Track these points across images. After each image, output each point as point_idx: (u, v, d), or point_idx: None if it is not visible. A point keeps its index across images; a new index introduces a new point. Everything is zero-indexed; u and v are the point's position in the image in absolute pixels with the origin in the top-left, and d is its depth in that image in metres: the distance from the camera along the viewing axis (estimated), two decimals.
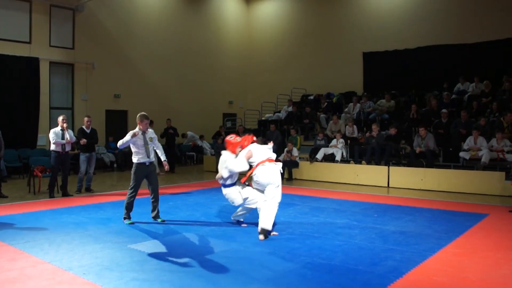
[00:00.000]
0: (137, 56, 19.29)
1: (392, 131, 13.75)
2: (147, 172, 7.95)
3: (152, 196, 8.08)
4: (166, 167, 8.27)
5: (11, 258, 5.77)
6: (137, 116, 7.92)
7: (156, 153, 8.47)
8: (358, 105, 17.00)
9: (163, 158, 8.24)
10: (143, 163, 7.87)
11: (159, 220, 8.01)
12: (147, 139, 7.87)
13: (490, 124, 13.10)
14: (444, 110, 14.14)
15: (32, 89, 15.90)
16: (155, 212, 8.09)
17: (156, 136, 8.21)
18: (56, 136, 10.53)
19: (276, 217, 7.32)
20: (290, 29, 22.61)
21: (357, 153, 14.04)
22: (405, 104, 16.42)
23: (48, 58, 16.47)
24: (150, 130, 8.06)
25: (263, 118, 20.12)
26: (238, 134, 7.02)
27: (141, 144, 7.81)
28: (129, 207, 7.93)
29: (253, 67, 23.91)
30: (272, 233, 6.92)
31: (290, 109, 19.02)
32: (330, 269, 5.38)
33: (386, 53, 19.02)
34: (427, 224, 7.88)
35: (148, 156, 7.89)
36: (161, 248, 6.31)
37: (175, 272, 5.24)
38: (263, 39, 23.77)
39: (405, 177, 12.64)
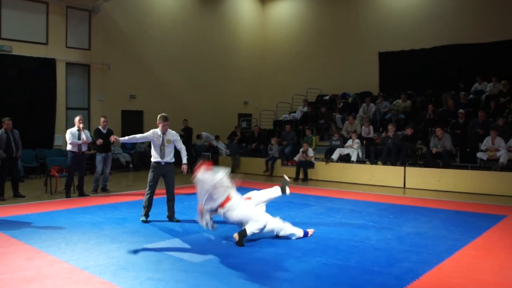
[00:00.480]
0: (153, 57, 19.40)
1: (409, 131, 13.67)
2: (162, 172, 8.09)
3: (167, 196, 8.17)
4: (184, 171, 8.34)
5: (29, 257, 5.84)
6: (158, 117, 8.09)
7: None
8: (372, 105, 16.91)
9: (184, 160, 8.34)
10: (159, 163, 8.04)
11: (174, 220, 8.07)
12: (165, 140, 8.02)
13: (509, 124, 12.96)
14: (461, 110, 14.02)
15: (48, 89, 16.06)
16: (171, 212, 8.16)
17: (178, 138, 8.28)
18: (72, 136, 10.65)
19: (291, 218, 7.34)
20: (305, 29, 22.57)
21: (373, 153, 13.98)
22: (422, 104, 16.31)
23: (65, 59, 16.63)
24: (172, 132, 8.21)
25: (278, 119, 20.12)
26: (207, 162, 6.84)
27: (157, 145, 8.00)
28: (145, 205, 8.06)
29: (268, 67, 23.90)
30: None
31: (306, 109, 18.98)
32: (346, 270, 5.37)
33: (402, 52, 18.89)
34: (444, 225, 7.83)
35: (163, 157, 8.00)
36: (177, 248, 6.35)
37: (190, 272, 5.27)
38: (278, 39, 23.75)
39: (421, 178, 12.57)
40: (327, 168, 14.47)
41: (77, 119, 10.89)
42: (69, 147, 10.71)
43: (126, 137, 8.17)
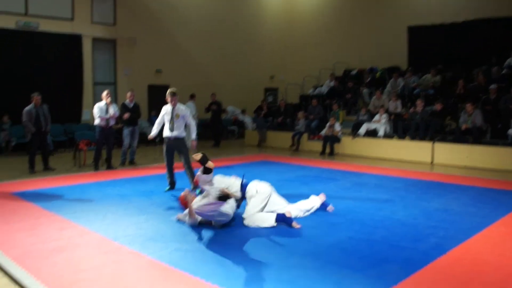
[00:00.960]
0: (178, 31, 19.38)
1: (438, 106, 13.49)
2: (174, 146, 8.33)
3: (185, 168, 8.41)
4: (193, 146, 8.64)
5: (60, 228, 6.01)
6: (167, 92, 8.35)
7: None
8: (400, 80, 16.70)
9: (192, 136, 8.56)
10: (167, 137, 8.35)
11: (197, 191, 8.20)
12: (174, 115, 8.23)
13: None
14: (492, 86, 13.71)
15: (75, 65, 16.22)
16: (191, 181, 8.36)
17: (188, 114, 8.41)
18: (100, 111, 10.79)
19: (317, 191, 7.36)
20: (333, 1, 22.25)
21: (401, 128, 13.85)
22: (452, 80, 16.02)
23: (91, 35, 16.73)
24: (181, 107, 8.37)
25: (305, 93, 20.02)
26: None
27: (168, 119, 8.29)
28: (167, 177, 8.51)
29: (295, 41, 23.66)
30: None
31: (333, 83, 18.84)
32: (372, 244, 5.41)
33: (432, 27, 18.48)
34: (472, 202, 7.76)
35: (172, 131, 8.26)
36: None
37: (217, 243, 5.37)
38: (305, 11, 23.46)
39: (450, 154, 12.44)
40: (353, 143, 14.41)
41: (104, 93, 11.01)
42: (97, 121, 10.86)
43: (155, 130, 8.54)
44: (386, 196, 8.18)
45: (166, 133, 8.35)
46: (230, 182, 6.45)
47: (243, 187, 6.37)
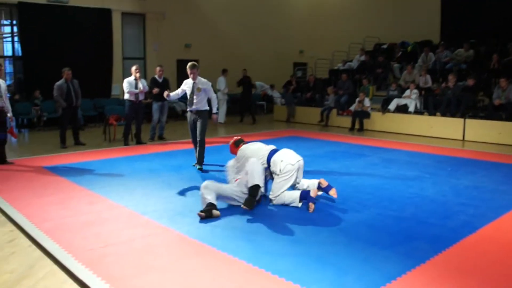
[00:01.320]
0: (207, 5, 19.28)
1: (470, 82, 13.20)
2: (194, 119, 8.30)
3: (198, 141, 8.34)
4: (214, 120, 8.74)
5: (90, 202, 6.12)
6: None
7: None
8: (432, 54, 16.36)
9: (214, 110, 8.50)
10: (189, 111, 8.36)
11: (197, 167, 8.31)
12: (195, 88, 8.19)
13: None
14: None
15: (105, 39, 16.34)
16: (197, 161, 8.37)
17: (209, 87, 8.35)
18: (129, 85, 10.86)
19: (345, 167, 7.32)
20: None
21: (432, 104, 13.62)
22: (485, 54, 15.63)
23: (120, 9, 16.77)
24: (203, 80, 8.32)
25: (334, 68, 19.81)
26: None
27: (189, 93, 8.28)
28: (195, 151, 8.49)
29: (325, 14, 23.29)
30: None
31: (363, 58, 18.59)
32: (400, 220, 5.38)
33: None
34: (504, 180, 7.62)
35: (191, 105, 8.24)
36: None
37: (245, 220, 5.40)
38: None
39: (481, 130, 12.19)
40: (383, 118, 14.26)
41: (133, 68, 11.06)
42: (126, 96, 10.95)
43: (173, 93, 8.51)
44: (416, 173, 8.09)
45: (187, 106, 8.41)
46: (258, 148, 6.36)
47: (270, 155, 6.17)
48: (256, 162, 5.84)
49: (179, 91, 8.51)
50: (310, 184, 6.16)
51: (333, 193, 5.98)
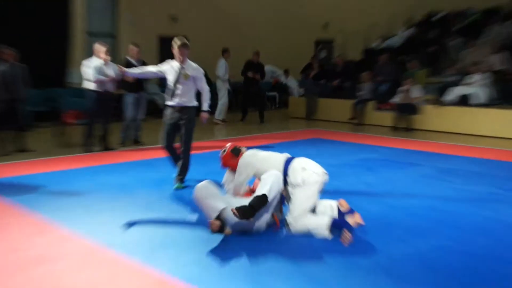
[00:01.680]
0: None
1: None
2: (176, 118, 7.87)
3: (182, 150, 8.00)
4: (203, 119, 8.25)
5: (37, 231, 5.97)
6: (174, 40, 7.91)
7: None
8: (501, 27, 16.30)
9: (205, 106, 8.12)
10: (170, 106, 7.86)
11: (176, 185, 7.95)
12: (182, 75, 7.76)
13: None
14: None
15: (60, 10, 16.22)
16: (177, 173, 8.01)
17: (202, 76, 8.01)
18: (96, 70, 10.64)
19: (386, 181, 7.15)
20: None
21: (506, 94, 13.50)
22: None
23: None
24: (194, 65, 7.96)
25: (370, 46, 19.75)
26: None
27: (171, 80, 7.78)
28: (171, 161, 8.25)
29: None
30: None
31: (409, 33, 18.59)
32: (467, 256, 5.24)
33: None
34: None
35: (174, 97, 7.79)
36: None
37: (251, 253, 5.24)
38: None
39: None
40: (439, 114, 14.27)
41: (103, 49, 10.85)
42: (91, 86, 10.77)
43: (137, 69, 8.23)
44: (487, 188, 8.03)
45: (169, 99, 7.89)
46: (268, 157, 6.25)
47: (287, 163, 6.00)
48: (280, 176, 5.73)
49: (150, 69, 8.14)
50: (327, 206, 5.98)
51: (356, 220, 5.75)
